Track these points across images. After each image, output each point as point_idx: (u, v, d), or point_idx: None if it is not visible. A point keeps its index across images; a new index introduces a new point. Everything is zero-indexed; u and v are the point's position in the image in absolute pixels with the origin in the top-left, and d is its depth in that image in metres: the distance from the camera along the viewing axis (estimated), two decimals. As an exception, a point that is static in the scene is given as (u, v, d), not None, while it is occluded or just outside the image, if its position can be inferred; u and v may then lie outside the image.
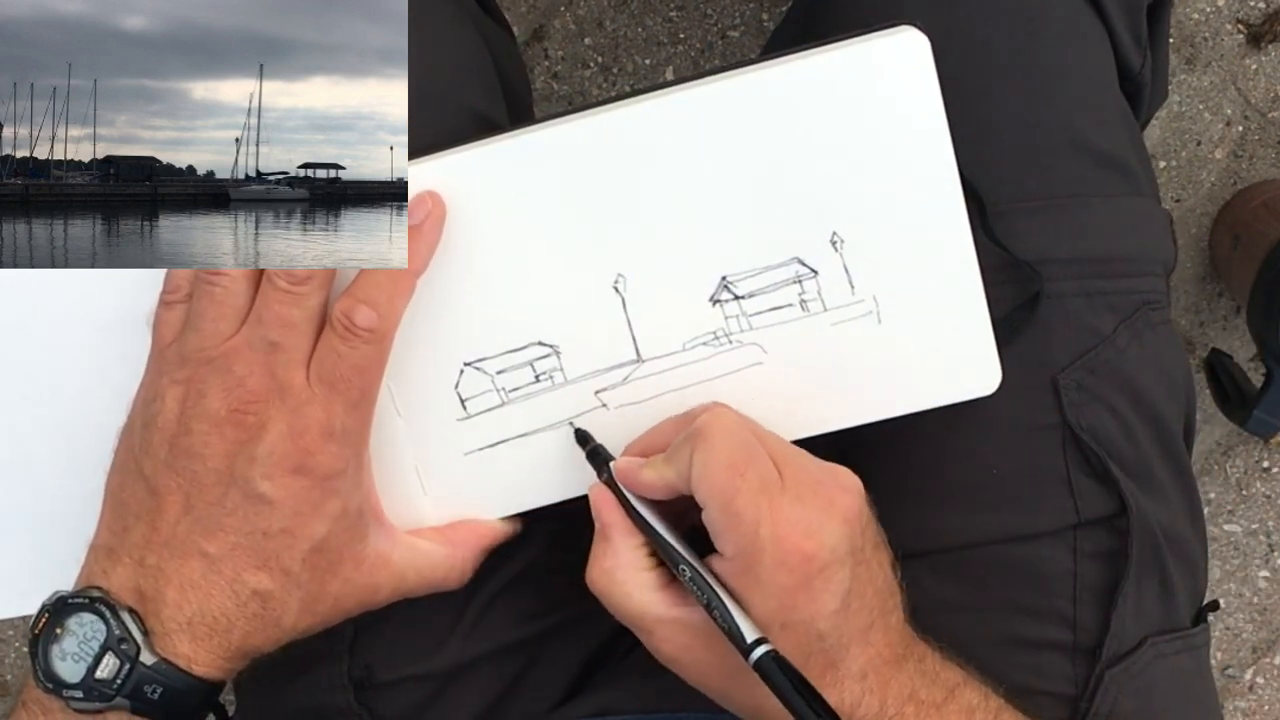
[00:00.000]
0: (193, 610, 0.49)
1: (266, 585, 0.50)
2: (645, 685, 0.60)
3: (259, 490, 0.49)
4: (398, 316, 0.51)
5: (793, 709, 0.46)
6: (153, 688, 0.48)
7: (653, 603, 0.51)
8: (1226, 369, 1.03)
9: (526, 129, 0.53)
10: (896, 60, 0.52)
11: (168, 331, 0.51)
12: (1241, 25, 1.07)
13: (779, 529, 0.48)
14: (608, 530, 0.52)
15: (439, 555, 0.55)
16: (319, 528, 0.50)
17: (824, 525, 0.49)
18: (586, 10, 1.08)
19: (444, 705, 0.60)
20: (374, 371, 0.51)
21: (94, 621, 0.48)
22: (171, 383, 0.50)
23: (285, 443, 0.49)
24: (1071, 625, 0.60)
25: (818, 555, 0.48)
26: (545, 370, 0.55)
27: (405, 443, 0.55)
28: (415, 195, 0.52)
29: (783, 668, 0.47)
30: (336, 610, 0.52)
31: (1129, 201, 0.62)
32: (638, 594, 0.51)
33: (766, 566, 0.48)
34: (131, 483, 0.51)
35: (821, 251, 0.54)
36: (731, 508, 0.48)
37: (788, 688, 0.46)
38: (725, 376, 0.55)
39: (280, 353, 0.49)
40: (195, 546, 0.49)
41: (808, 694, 0.46)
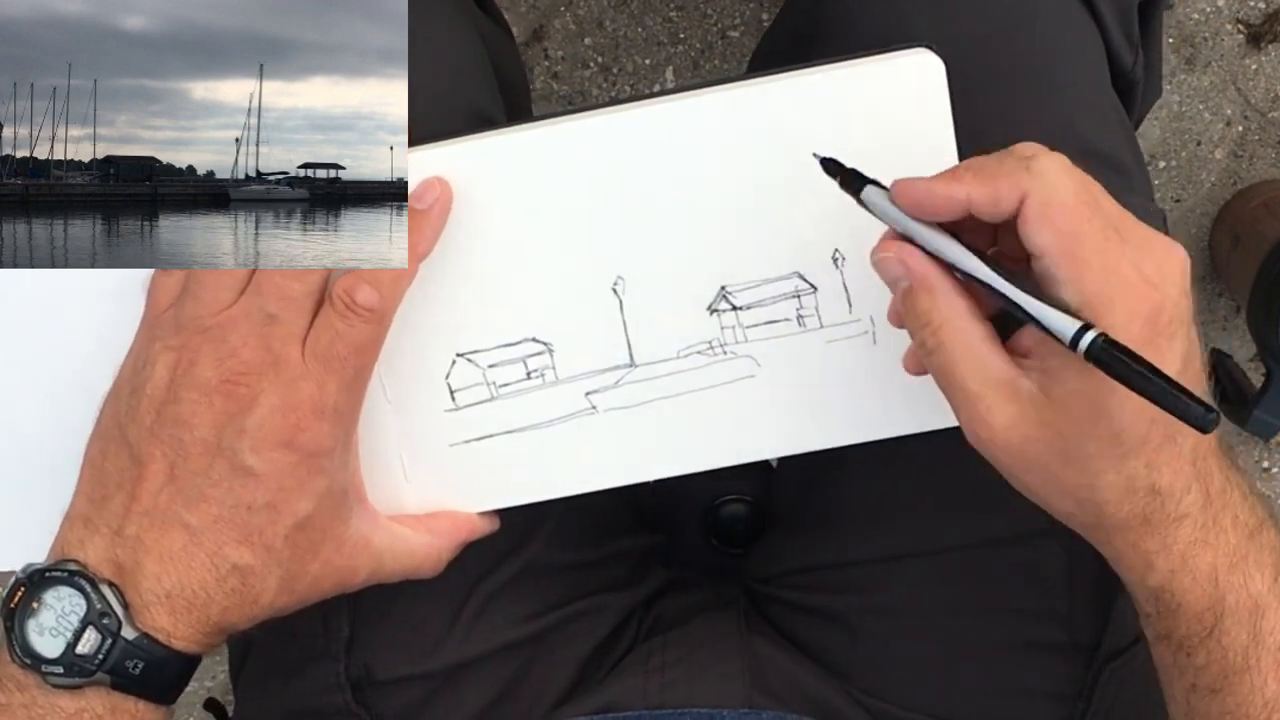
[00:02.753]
0: (172, 583, 0.48)
1: (247, 560, 0.49)
2: (647, 682, 0.60)
3: (246, 463, 0.48)
4: (398, 298, 0.51)
5: (1140, 388, 0.42)
6: (134, 662, 0.48)
7: (989, 359, 0.46)
8: (1226, 369, 1.03)
9: (537, 123, 0.53)
10: (910, 81, 0.52)
11: (164, 297, 0.51)
12: (1241, 25, 1.07)
13: (1128, 276, 0.44)
14: (927, 279, 0.47)
15: (418, 543, 0.55)
16: (303, 505, 0.49)
17: (1169, 276, 0.45)
18: (586, 10, 1.08)
19: (442, 704, 0.60)
20: (370, 351, 0.50)
21: (73, 595, 0.48)
22: (164, 349, 0.50)
23: (276, 417, 0.48)
24: (1068, 624, 0.60)
25: (1165, 307, 0.44)
26: (537, 367, 0.55)
27: (391, 429, 0.55)
28: (423, 180, 0.52)
29: (1120, 350, 0.42)
30: (314, 590, 0.52)
31: (1123, 200, 0.62)
32: (978, 346, 0.46)
33: (1118, 317, 0.44)
34: (114, 450, 0.50)
35: (822, 268, 0.54)
36: (1080, 253, 0.44)
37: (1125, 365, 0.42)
38: (717, 387, 0.55)
39: (277, 326, 0.49)
40: (177, 517, 0.49)
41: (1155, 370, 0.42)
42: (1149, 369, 0.42)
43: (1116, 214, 0.46)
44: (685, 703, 0.59)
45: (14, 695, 0.48)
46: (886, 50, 0.52)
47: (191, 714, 1.10)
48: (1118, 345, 0.42)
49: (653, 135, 0.52)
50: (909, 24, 0.59)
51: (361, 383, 0.51)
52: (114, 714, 0.48)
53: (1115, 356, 0.42)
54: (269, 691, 0.62)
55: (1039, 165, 0.45)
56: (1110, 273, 0.44)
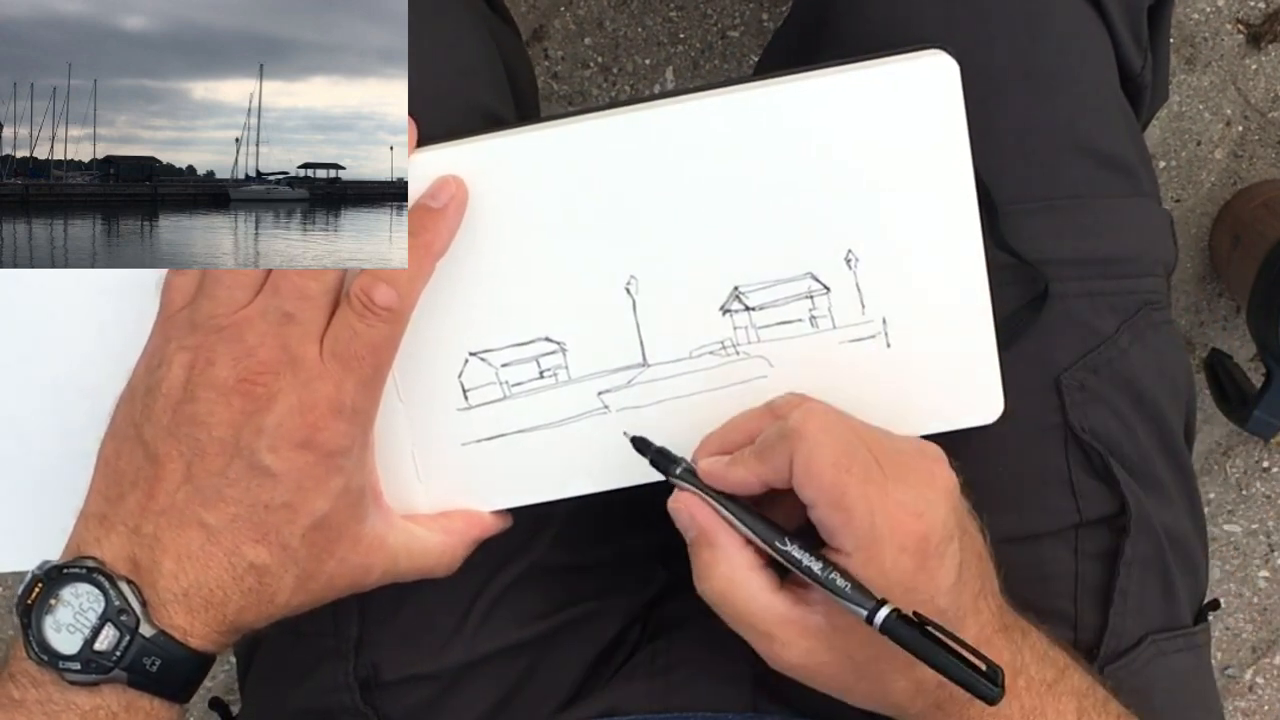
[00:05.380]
0: (189, 581, 0.48)
1: (264, 559, 0.49)
2: (651, 685, 0.60)
3: (263, 462, 0.48)
4: (416, 298, 0.51)
5: (930, 660, 0.46)
6: (151, 660, 0.48)
7: (773, 605, 0.51)
8: (1226, 369, 1.03)
9: (550, 123, 0.53)
10: (925, 83, 0.52)
11: (178, 296, 0.51)
12: (1241, 25, 1.07)
13: (892, 515, 0.48)
14: (710, 535, 0.51)
15: (433, 542, 0.55)
16: (320, 504, 0.49)
17: (931, 502, 0.49)
18: (586, 10, 1.08)
19: (450, 705, 0.60)
20: (388, 351, 0.50)
21: (91, 592, 0.47)
22: (179, 348, 0.49)
23: (294, 416, 0.48)
24: (1073, 624, 0.61)
25: (932, 533, 0.49)
26: (550, 367, 0.55)
27: (404, 427, 0.55)
28: (438, 179, 0.52)
29: (909, 623, 0.47)
30: (329, 589, 0.52)
31: (1131, 202, 0.62)
32: (759, 596, 0.51)
33: (888, 554, 0.48)
34: (129, 449, 0.50)
35: (836, 269, 0.54)
36: (843, 503, 0.48)
37: (916, 639, 0.46)
38: (730, 387, 0.55)
39: (294, 325, 0.49)
40: (194, 516, 0.48)
41: (942, 642, 0.46)
42: (937, 642, 0.46)
43: (879, 448, 0.50)
44: (690, 706, 0.59)
45: (29, 692, 0.48)
46: (900, 51, 0.52)
47: (196, 713, 1.10)
48: (908, 620, 0.47)
49: (666, 136, 0.52)
50: (918, 24, 0.59)
51: (379, 382, 0.51)
52: (129, 711, 0.48)
53: (906, 631, 0.47)
54: (276, 691, 0.61)
55: (795, 427, 0.50)
56: (875, 514, 0.48)
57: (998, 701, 0.46)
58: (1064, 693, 0.52)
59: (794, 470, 0.49)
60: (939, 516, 0.49)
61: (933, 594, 0.49)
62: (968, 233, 0.54)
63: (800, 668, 0.51)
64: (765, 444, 0.51)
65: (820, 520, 0.49)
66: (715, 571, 0.51)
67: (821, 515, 0.49)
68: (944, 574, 0.49)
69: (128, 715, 0.48)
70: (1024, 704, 0.51)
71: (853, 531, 0.48)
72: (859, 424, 0.51)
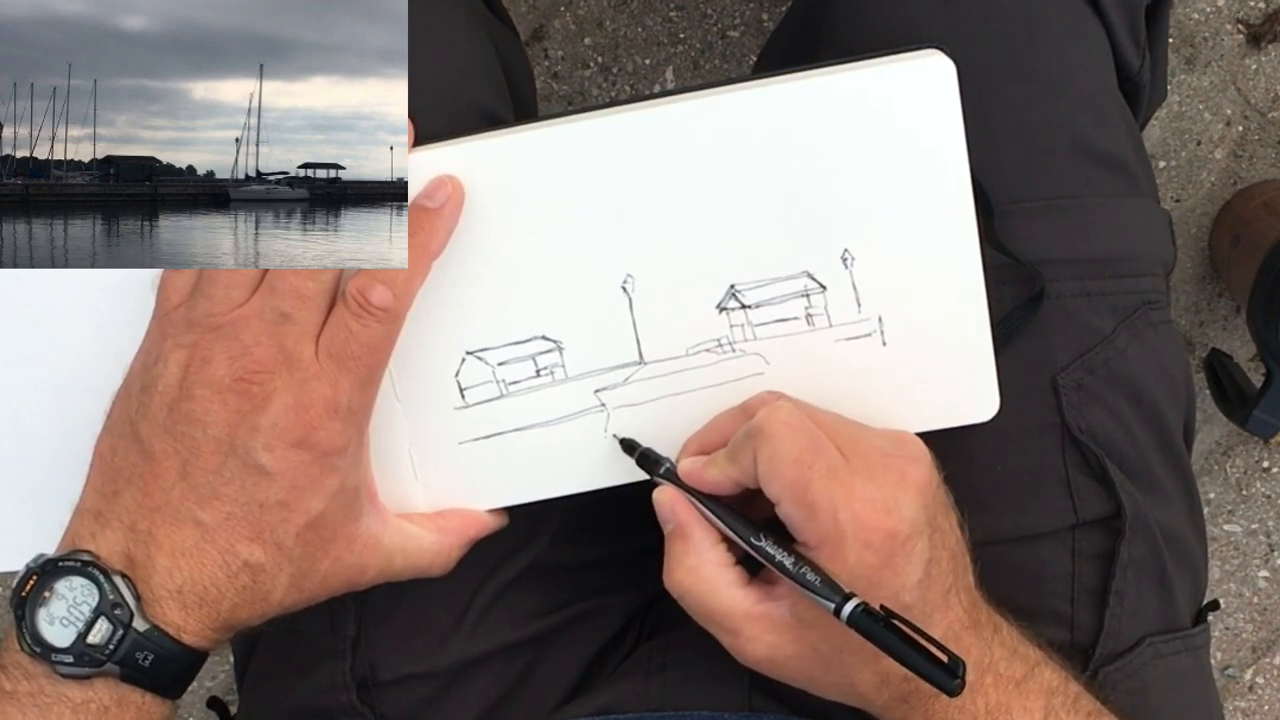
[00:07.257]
0: (183, 578, 0.49)
1: (259, 557, 0.49)
2: (648, 684, 0.60)
3: (259, 461, 0.49)
4: (412, 297, 0.51)
5: (894, 653, 0.47)
6: (144, 654, 0.48)
7: (739, 599, 0.51)
8: (1226, 369, 1.03)
9: (547, 123, 0.53)
10: (922, 83, 0.52)
11: (175, 295, 0.51)
12: (1241, 25, 1.07)
13: (857, 511, 0.49)
14: (685, 529, 0.52)
15: (428, 541, 0.55)
16: (316, 503, 0.50)
17: (899, 499, 0.49)
18: (586, 10, 1.08)
19: (447, 704, 0.60)
20: (384, 351, 0.51)
21: (85, 585, 0.48)
22: (175, 346, 0.50)
23: (289, 415, 0.49)
24: (1069, 625, 0.60)
25: (899, 530, 0.49)
26: (547, 365, 0.55)
27: (401, 426, 0.55)
28: (434, 179, 0.52)
29: (875, 617, 0.47)
30: (323, 588, 0.52)
31: (1129, 202, 0.62)
32: (725, 590, 0.51)
33: (851, 549, 0.49)
34: (124, 446, 0.50)
35: (832, 267, 0.54)
36: (805, 499, 0.49)
37: (881, 632, 0.47)
38: (726, 384, 0.55)
39: (291, 324, 0.49)
40: (189, 514, 0.49)
41: (907, 635, 0.47)
42: (902, 635, 0.47)
43: (848, 444, 0.50)
44: (687, 704, 0.59)
45: (20, 684, 0.48)
46: (896, 51, 0.52)
47: (194, 713, 1.10)
48: (874, 614, 0.47)
49: (663, 135, 0.52)
50: (915, 24, 0.59)
51: (375, 382, 0.51)
52: (120, 705, 0.49)
53: (872, 625, 0.47)
54: (274, 690, 0.62)
55: (759, 425, 0.50)
56: (839, 509, 0.49)
57: (957, 694, 0.46)
58: (1032, 690, 0.52)
59: (758, 468, 0.50)
60: (907, 513, 0.49)
61: (897, 590, 0.49)
62: (964, 232, 0.54)
63: (766, 661, 0.52)
64: (735, 444, 0.52)
65: (786, 516, 0.50)
66: (683, 564, 0.52)
67: (786, 511, 0.50)
68: (910, 570, 0.49)
69: (119, 709, 0.48)
70: (989, 700, 0.52)
71: (816, 526, 0.49)
72: (830, 420, 0.52)
